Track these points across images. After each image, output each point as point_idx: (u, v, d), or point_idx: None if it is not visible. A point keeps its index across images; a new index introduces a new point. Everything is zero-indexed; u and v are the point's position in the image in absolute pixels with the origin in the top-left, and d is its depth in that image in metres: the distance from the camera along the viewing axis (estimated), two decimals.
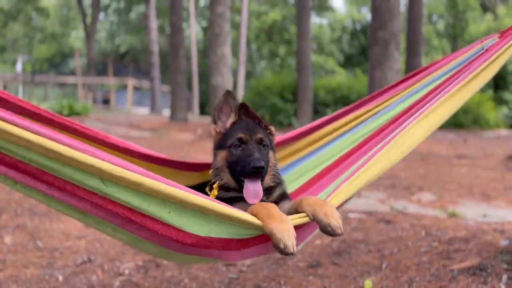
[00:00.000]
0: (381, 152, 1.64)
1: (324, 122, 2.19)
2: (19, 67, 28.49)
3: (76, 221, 2.89)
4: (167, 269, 3.02)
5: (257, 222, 1.40)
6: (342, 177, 1.81)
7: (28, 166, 1.29)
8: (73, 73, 33.33)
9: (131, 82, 24.24)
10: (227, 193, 1.71)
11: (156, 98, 22.57)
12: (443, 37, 28.68)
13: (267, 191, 1.71)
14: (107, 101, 27.42)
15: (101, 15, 35.07)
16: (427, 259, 2.95)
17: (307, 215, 1.47)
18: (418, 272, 2.74)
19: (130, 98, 24.09)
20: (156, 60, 22.12)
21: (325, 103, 14.77)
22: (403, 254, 3.09)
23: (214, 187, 1.74)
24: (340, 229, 1.43)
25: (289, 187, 1.99)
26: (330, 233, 1.43)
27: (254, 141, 1.71)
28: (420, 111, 1.76)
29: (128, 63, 36.01)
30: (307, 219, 1.47)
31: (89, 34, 28.24)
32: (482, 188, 5.71)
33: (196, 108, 28.41)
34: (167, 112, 22.06)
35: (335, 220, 1.43)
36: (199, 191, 1.41)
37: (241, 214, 1.39)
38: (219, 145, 1.77)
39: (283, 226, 1.37)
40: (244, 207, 1.51)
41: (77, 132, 1.79)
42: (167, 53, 18.27)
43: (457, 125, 15.85)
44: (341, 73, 27.99)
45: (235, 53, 24.45)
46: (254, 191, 1.61)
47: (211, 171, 1.83)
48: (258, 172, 1.60)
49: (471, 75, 1.79)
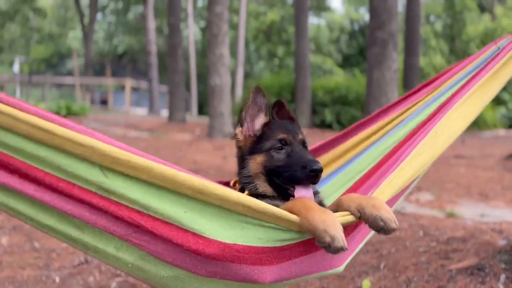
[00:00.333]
0: (422, 141, 1.49)
1: (356, 128, 2.05)
2: (17, 67, 28.50)
3: None
4: None
5: (294, 217, 1.15)
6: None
7: (11, 158, 1.08)
8: (70, 73, 33.36)
9: (129, 83, 24.27)
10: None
11: (154, 98, 22.60)
12: (441, 37, 28.75)
13: None
14: (105, 102, 27.48)
15: (99, 16, 35.05)
16: (425, 259, 2.94)
17: (351, 213, 1.22)
18: (416, 272, 2.73)
19: (128, 99, 24.12)
20: (154, 60, 22.16)
21: (323, 103, 14.76)
22: (401, 254, 3.08)
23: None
24: (395, 222, 1.17)
25: (328, 200, 1.71)
26: (383, 228, 1.17)
27: (298, 143, 1.49)
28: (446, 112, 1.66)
29: (126, 63, 36.04)
30: (352, 218, 1.21)
31: (87, 34, 28.23)
32: (480, 188, 5.71)
33: (194, 108, 28.46)
34: (165, 112, 22.10)
35: (387, 212, 1.18)
36: None
37: (275, 210, 1.14)
38: (252, 149, 1.51)
39: (326, 217, 1.12)
40: None
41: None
42: (165, 53, 18.29)
43: None
44: (339, 73, 28.00)
45: (233, 54, 24.52)
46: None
47: (233, 181, 1.61)
48: (317, 176, 1.37)
49: (488, 74, 1.79)
